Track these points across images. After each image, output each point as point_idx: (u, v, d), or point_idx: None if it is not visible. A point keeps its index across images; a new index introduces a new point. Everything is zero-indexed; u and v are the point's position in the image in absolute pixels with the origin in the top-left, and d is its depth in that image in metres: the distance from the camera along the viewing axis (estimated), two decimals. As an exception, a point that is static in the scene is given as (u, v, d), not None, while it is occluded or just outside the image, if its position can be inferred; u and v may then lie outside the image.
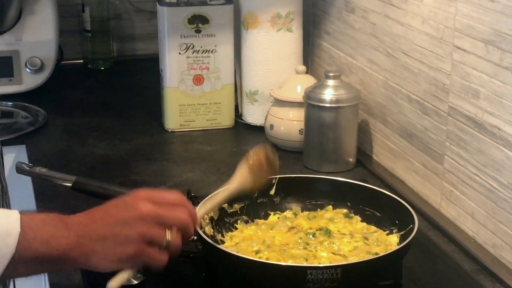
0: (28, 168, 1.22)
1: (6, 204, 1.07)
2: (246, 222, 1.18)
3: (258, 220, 1.18)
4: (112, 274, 0.93)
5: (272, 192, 1.20)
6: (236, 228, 1.16)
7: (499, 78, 1.13)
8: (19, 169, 1.22)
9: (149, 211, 0.91)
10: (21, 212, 0.88)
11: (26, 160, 1.58)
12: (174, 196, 0.96)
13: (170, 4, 1.67)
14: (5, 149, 1.70)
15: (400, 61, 1.40)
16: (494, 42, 1.13)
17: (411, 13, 1.35)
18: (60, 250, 0.88)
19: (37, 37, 1.97)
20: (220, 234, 1.13)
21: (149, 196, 0.93)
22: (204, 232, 1.07)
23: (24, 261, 0.87)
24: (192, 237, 1.15)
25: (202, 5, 1.67)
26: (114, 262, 0.91)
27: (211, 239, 1.07)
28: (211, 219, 1.14)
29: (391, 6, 1.42)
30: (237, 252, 1.04)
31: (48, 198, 1.37)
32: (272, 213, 1.20)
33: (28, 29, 1.96)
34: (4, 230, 0.85)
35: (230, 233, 1.15)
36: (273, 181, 1.19)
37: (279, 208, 1.20)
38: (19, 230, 0.86)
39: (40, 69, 1.95)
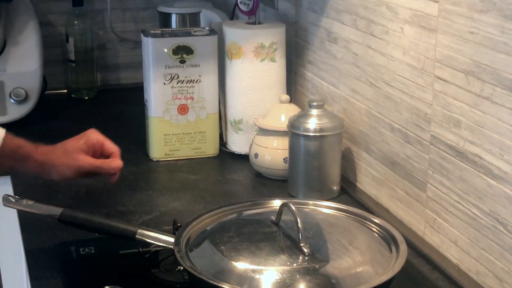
0: (14, 201, 1.22)
1: None
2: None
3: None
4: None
5: None
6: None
7: (479, 108, 1.15)
8: (6, 202, 1.22)
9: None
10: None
11: (11, 191, 1.58)
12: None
13: (154, 35, 1.69)
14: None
15: (382, 90, 1.42)
16: (474, 73, 1.15)
17: (393, 44, 1.37)
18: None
19: (21, 68, 1.97)
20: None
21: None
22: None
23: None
24: (179, 268, 1.16)
25: (186, 36, 1.69)
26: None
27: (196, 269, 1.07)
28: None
29: (372, 37, 1.44)
30: (220, 282, 1.03)
31: (34, 230, 1.36)
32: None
33: (12, 60, 1.97)
34: None
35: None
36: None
37: None
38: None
39: (24, 99, 1.96)
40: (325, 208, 1.23)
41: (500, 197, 1.12)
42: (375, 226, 1.17)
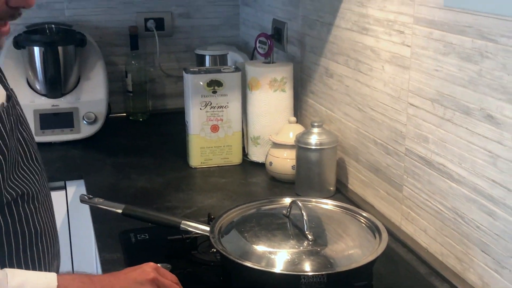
0: (88, 199, 1.23)
1: (44, 186, 1.03)
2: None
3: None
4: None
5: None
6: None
7: (443, 128, 1.15)
8: (82, 200, 1.23)
9: (156, 277, 0.96)
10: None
11: (84, 191, 1.59)
12: (172, 276, 1.00)
13: (193, 72, 1.70)
14: (68, 183, 1.72)
15: (368, 114, 1.42)
16: (439, 101, 1.15)
17: (376, 78, 1.37)
18: None
19: (92, 97, 1.99)
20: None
21: (157, 268, 0.98)
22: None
23: None
24: (213, 250, 1.17)
25: (217, 73, 1.70)
26: None
27: (226, 251, 1.07)
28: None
29: (360, 72, 1.44)
30: (244, 261, 1.04)
31: (103, 221, 1.37)
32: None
33: (85, 91, 1.99)
34: (44, 285, 0.87)
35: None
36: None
37: None
38: (56, 284, 0.87)
39: (94, 121, 1.97)
40: (324, 204, 1.23)
41: (459, 196, 1.12)
42: (363, 218, 1.17)
